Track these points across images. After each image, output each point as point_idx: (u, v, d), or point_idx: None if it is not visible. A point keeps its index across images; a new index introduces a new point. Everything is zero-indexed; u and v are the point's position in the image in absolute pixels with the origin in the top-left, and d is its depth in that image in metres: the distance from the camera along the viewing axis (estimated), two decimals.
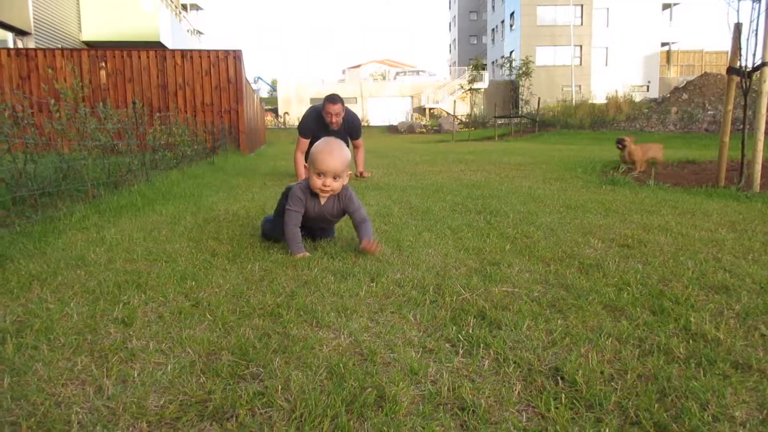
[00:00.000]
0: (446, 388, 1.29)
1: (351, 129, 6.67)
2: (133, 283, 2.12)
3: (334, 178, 2.64)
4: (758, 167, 5.01)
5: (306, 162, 5.60)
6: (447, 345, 1.56)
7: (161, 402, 1.22)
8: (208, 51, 12.64)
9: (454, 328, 1.67)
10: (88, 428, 1.11)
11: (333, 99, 6.36)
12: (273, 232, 2.91)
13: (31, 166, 3.64)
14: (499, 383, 1.33)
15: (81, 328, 1.66)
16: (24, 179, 3.54)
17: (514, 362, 1.44)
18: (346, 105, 6.58)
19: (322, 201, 2.74)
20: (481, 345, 1.54)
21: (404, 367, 1.41)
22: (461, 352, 1.50)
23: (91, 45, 18.80)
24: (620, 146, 7.34)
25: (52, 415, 1.15)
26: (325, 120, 6.35)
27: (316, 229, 2.97)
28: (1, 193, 3.51)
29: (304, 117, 6.59)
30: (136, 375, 1.34)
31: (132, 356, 1.46)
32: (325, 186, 2.63)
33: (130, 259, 2.53)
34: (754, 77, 5.21)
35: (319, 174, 2.63)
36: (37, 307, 1.83)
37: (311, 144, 6.23)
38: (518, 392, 1.29)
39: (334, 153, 2.63)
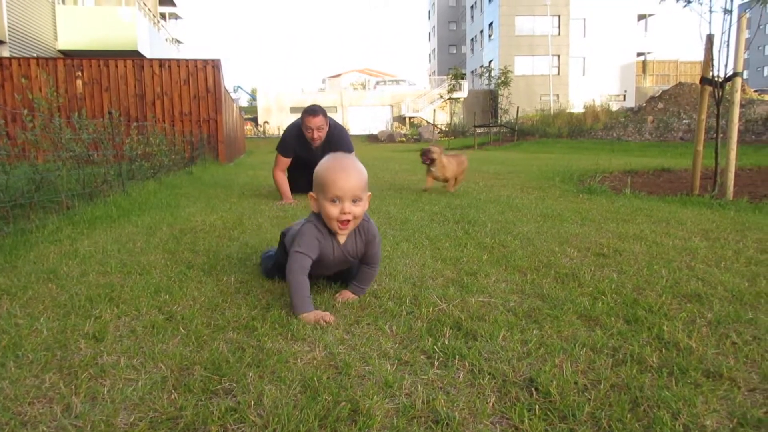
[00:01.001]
0: (420, 401, 1.29)
1: (337, 145, 5.42)
2: (105, 296, 2.09)
3: (354, 201, 2.00)
4: (731, 175, 5.10)
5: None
6: (422, 357, 1.55)
7: (131, 419, 1.20)
8: (187, 60, 12.56)
9: (430, 339, 1.67)
10: None
11: (313, 111, 5.43)
12: (273, 275, 2.39)
13: (2, 178, 3.58)
14: (474, 395, 1.33)
15: (50, 343, 1.62)
16: None
17: (489, 373, 1.44)
18: (330, 116, 5.66)
19: (342, 239, 2.10)
20: (457, 356, 1.54)
21: (379, 379, 1.40)
22: (436, 363, 1.50)
23: (67, 54, 18.58)
24: (427, 161, 5.84)
25: None
26: (306, 135, 5.45)
27: (335, 275, 2.31)
28: None
29: (286, 132, 5.77)
30: (105, 392, 1.31)
31: (102, 372, 1.43)
32: (344, 214, 1.99)
33: (103, 272, 2.49)
34: (726, 87, 5.31)
35: (333, 200, 1.99)
36: (5, 323, 1.79)
37: (294, 166, 5.65)
38: (492, 404, 1.29)
39: (348, 169, 2.02)
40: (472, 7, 55.58)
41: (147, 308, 1.97)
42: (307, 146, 5.52)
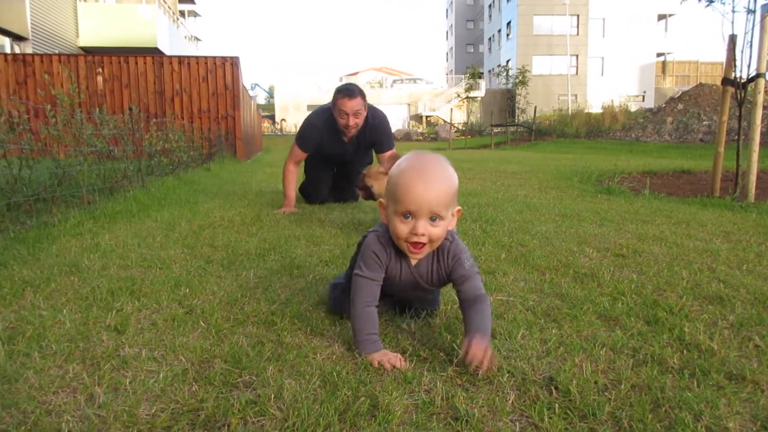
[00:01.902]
0: (440, 398, 1.29)
1: (375, 136, 4.44)
2: (126, 289, 2.11)
3: (432, 220, 1.53)
4: (753, 178, 5.03)
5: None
6: (441, 354, 1.55)
7: (153, 410, 1.21)
8: (206, 57, 12.65)
9: (449, 336, 1.67)
10: None
11: (349, 91, 4.20)
12: (343, 306, 1.79)
13: (26, 172, 3.63)
14: (493, 393, 1.33)
15: (73, 335, 1.65)
16: (19, 185, 3.53)
17: (508, 371, 1.43)
18: (368, 102, 4.41)
19: (414, 261, 1.65)
20: None
21: (398, 376, 1.40)
22: (456, 361, 1.50)
23: (88, 51, 18.80)
24: (363, 192, 3.73)
25: (42, 423, 1.14)
26: (339, 123, 4.29)
27: (406, 300, 1.86)
28: None
29: (310, 120, 4.51)
30: (127, 383, 1.33)
31: (124, 364, 1.45)
32: (415, 235, 1.54)
33: (124, 266, 2.52)
34: (749, 88, 5.24)
35: (404, 215, 1.53)
36: (29, 314, 1.81)
37: (318, 164, 4.74)
38: (512, 402, 1.29)
39: (430, 175, 1.53)
40: (490, 6, 55.33)
41: (167, 302, 1.98)
42: (337, 138, 4.40)
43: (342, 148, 4.49)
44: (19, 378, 1.34)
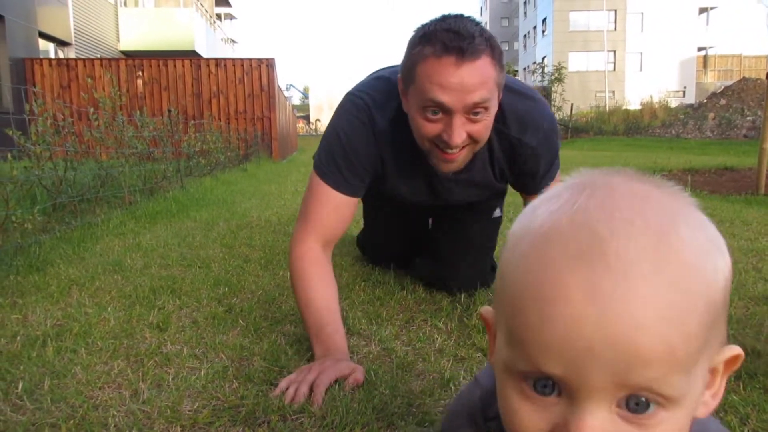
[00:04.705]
0: None
1: (523, 162, 1.70)
2: (168, 288, 2.16)
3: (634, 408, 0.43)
4: None
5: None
6: (479, 354, 1.55)
7: (195, 406, 1.24)
8: (242, 59, 12.84)
9: (486, 336, 1.66)
10: (124, 430, 1.13)
11: (459, 39, 1.31)
12: None
13: (71, 173, 3.74)
14: None
15: (118, 332, 1.69)
16: (64, 186, 3.64)
17: None
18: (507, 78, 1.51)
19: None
20: None
21: (436, 375, 1.40)
22: None
23: (128, 54, 19.24)
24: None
25: (90, 417, 1.18)
26: (422, 134, 1.46)
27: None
28: (42, 199, 3.61)
29: (341, 124, 1.63)
30: (170, 379, 1.36)
31: (167, 361, 1.48)
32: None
33: (165, 265, 2.58)
34: None
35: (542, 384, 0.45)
36: (76, 311, 1.87)
37: (376, 229, 2.42)
38: None
39: (624, 287, 0.42)
40: (525, 2, 54.75)
41: (207, 300, 2.02)
42: (416, 166, 1.68)
43: (428, 192, 1.84)
44: (68, 374, 1.39)
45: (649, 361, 0.41)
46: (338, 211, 1.62)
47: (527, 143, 1.64)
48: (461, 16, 1.38)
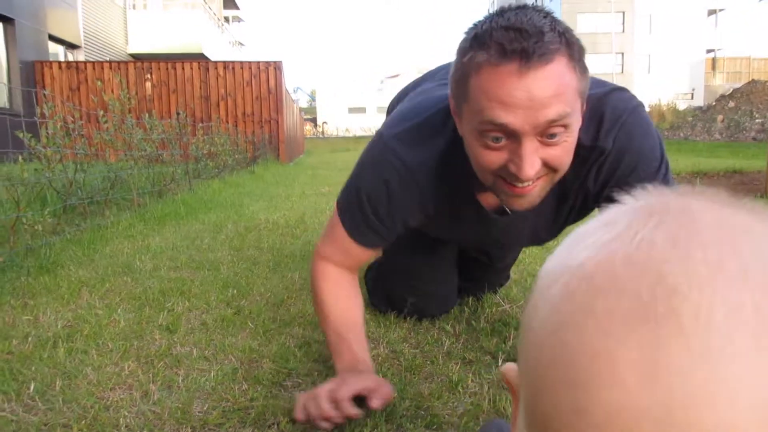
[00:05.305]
0: (486, 401, 1.28)
1: (609, 184, 1.22)
2: (177, 290, 2.17)
3: None
4: None
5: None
6: (487, 357, 1.55)
7: (205, 408, 1.25)
8: (250, 62, 12.88)
9: (495, 339, 1.66)
10: (135, 431, 1.15)
11: (520, 31, 0.98)
12: None
13: (80, 176, 3.77)
14: None
15: (128, 333, 1.70)
16: (74, 188, 3.67)
17: None
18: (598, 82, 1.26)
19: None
20: None
21: (444, 378, 1.40)
22: (501, 363, 1.49)
23: (137, 57, 19.36)
24: None
25: (101, 418, 1.19)
26: (481, 168, 1.12)
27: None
28: (53, 201, 3.64)
29: (362, 178, 1.34)
30: (180, 381, 1.37)
31: (177, 362, 1.49)
32: None
33: (174, 267, 2.59)
34: None
35: None
36: (86, 313, 1.88)
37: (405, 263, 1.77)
38: None
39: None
40: (533, 4, 54.74)
41: (216, 302, 2.03)
42: (474, 208, 1.36)
43: (495, 234, 1.49)
44: (78, 374, 1.40)
45: None
46: (349, 253, 1.40)
47: (603, 147, 1.19)
48: (525, 7, 1.05)
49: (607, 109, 1.18)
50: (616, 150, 1.18)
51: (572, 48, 1.03)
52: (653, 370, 0.27)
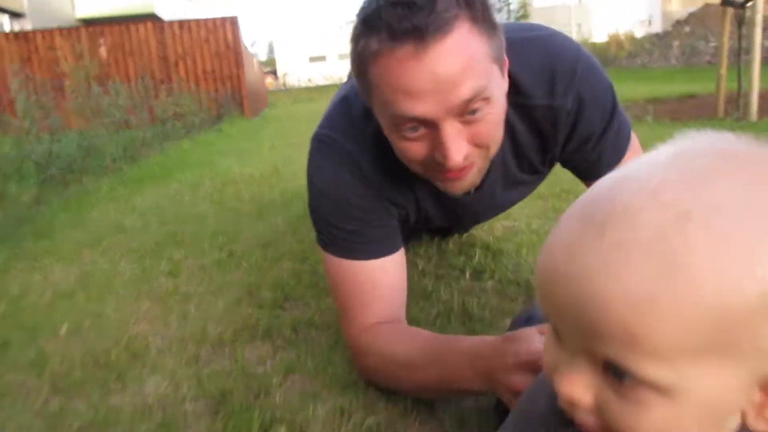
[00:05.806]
0: (456, 305, 1.52)
1: (572, 140, 1.22)
2: (170, 241, 2.36)
3: None
4: (755, 97, 5.13)
5: None
6: (456, 272, 1.78)
7: (218, 330, 1.46)
8: (206, 20, 12.65)
9: (462, 258, 1.89)
10: (164, 350, 1.36)
11: (407, 6, 0.84)
12: None
13: (56, 146, 3.86)
14: (502, 299, 1.56)
15: (135, 281, 1.90)
16: (52, 159, 3.76)
17: (515, 282, 1.66)
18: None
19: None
20: (486, 270, 1.76)
21: (420, 290, 1.63)
22: (468, 276, 1.72)
23: (87, 22, 18.76)
24: None
25: (133, 344, 1.39)
26: (405, 160, 1.02)
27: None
28: (29, 173, 3.74)
29: (314, 178, 1.23)
30: (193, 311, 1.58)
31: (186, 299, 1.70)
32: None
33: (162, 222, 2.76)
34: (747, 8, 5.28)
35: None
36: (92, 268, 2.07)
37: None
38: (520, 304, 1.52)
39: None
40: None
41: (209, 249, 2.23)
42: (414, 189, 1.22)
43: (453, 215, 1.40)
44: (102, 315, 1.60)
45: (608, 339, 0.39)
46: (373, 285, 1.14)
47: (562, 107, 1.12)
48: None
49: (558, 65, 1.09)
50: (576, 107, 1.13)
51: (473, 8, 0.88)
52: (573, 250, 0.42)
